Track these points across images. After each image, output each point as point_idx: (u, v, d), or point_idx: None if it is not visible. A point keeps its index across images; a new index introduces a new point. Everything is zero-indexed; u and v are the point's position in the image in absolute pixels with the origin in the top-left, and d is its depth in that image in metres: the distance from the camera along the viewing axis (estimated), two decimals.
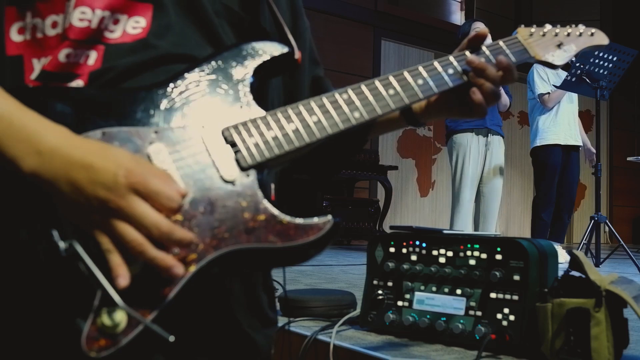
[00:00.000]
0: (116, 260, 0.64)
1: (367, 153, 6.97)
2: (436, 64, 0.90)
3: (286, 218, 0.72)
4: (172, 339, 0.63)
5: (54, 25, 0.80)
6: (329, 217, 0.74)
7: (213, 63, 0.80)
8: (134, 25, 0.81)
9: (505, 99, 4.55)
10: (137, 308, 0.65)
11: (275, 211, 0.73)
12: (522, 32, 0.99)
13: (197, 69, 0.79)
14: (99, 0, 0.80)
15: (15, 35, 0.80)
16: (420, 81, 0.87)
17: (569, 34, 1.00)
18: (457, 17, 9.07)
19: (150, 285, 0.66)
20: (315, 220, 0.73)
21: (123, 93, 0.75)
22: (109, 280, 0.64)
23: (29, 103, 0.67)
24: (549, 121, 4.69)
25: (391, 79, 0.86)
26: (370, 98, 0.83)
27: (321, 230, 0.73)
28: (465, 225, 4.38)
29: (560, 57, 0.99)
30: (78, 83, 0.77)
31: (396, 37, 8.09)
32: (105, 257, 0.64)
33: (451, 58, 0.91)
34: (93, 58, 0.78)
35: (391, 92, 0.85)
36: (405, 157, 8.19)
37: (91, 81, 0.77)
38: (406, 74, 0.87)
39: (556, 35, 1.00)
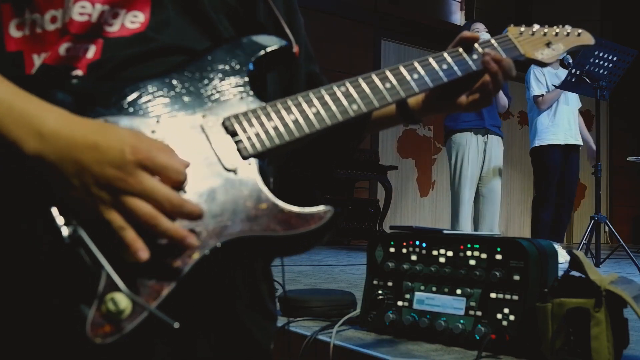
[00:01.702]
0: (132, 236, 0.64)
1: (367, 153, 6.97)
2: (431, 59, 0.93)
3: (287, 207, 0.73)
4: (176, 325, 0.64)
5: (54, 20, 0.80)
6: (330, 207, 0.74)
7: (213, 55, 0.81)
8: (132, 20, 0.82)
9: (504, 100, 4.57)
10: (141, 295, 0.65)
11: (276, 200, 0.73)
12: (512, 31, 1.02)
13: (197, 61, 0.80)
14: None
15: (14, 31, 0.81)
16: (415, 76, 0.89)
17: (557, 34, 1.04)
18: (457, 17, 9.07)
19: (154, 272, 0.66)
20: (316, 209, 0.74)
21: (123, 83, 0.76)
22: (114, 265, 0.64)
23: (28, 91, 0.67)
24: (547, 121, 4.68)
25: (388, 73, 0.88)
26: (368, 91, 0.85)
27: (322, 220, 0.73)
28: (465, 226, 4.38)
29: (548, 55, 1.02)
30: (77, 73, 0.78)
31: (396, 37, 8.10)
32: (119, 235, 0.64)
33: (445, 54, 0.94)
34: (92, 51, 0.79)
35: (388, 85, 0.87)
36: (405, 157, 8.19)
37: (89, 72, 0.78)
38: (402, 69, 0.89)
39: (545, 34, 1.03)
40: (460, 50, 0.95)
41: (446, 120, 4.53)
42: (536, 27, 1.03)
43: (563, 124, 4.68)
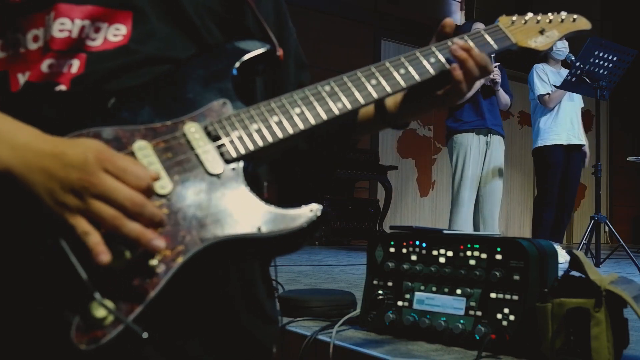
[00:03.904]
0: (94, 240, 0.65)
1: (367, 153, 6.97)
2: (418, 53, 0.91)
3: (272, 208, 0.74)
4: (145, 335, 0.64)
5: (35, 39, 0.81)
6: (316, 205, 0.75)
7: (196, 62, 0.82)
8: (115, 33, 0.82)
9: (505, 98, 4.56)
10: (126, 300, 0.66)
11: (261, 202, 0.74)
12: (503, 21, 1.00)
13: (180, 68, 0.81)
14: (77, 10, 0.81)
15: None
16: (402, 70, 0.88)
17: (550, 21, 1.02)
18: (457, 17, 9.07)
19: (139, 277, 0.67)
20: (302, 209, 0.74)
21: (106, 95, 0.77)
22: (100, 272, 0.65)
23: (13, 109, 0.70)
24: (550, 121, 4.68)
25: (373, 69, 0.87)
26: (353, 89, 0.85)
27: (308, 219, 0.74)
28: (464, 227, 4.37)
29: (542, 42, 1.00)
30: (61, 88, 0.79)
31: (396, 37, 8.10)
32: (83, 240, 0.65)
33: (433, 48, 0.92)
34: (76, 66, 0.80)
35: (373, 82, 0.86)
36: (405, 157, 8.19)
37: (73, 86, 0.79)
38: (388, 64, 0.88)
39: (538, 22, 1.01)
40: (450, 42, 0.93)
41: (448, 121, 4.52)
42: (529, 15, 1.01)
43: (566, 124, 4.68)
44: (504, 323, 1.28)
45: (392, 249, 1.46)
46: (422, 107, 0.99)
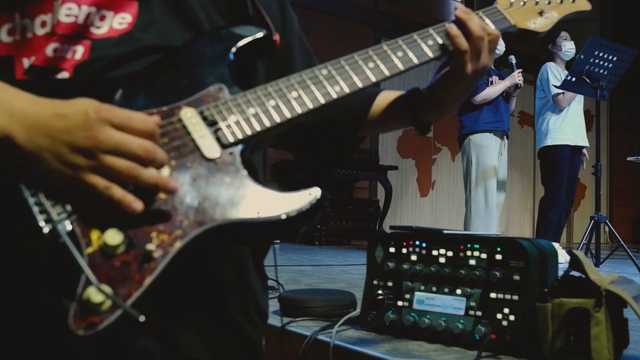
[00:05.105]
0: (119, 192, 0.66)
1: (367, 153, 6.98)
2: (415, 36, 0.91)
3: (270, 192, 0.74)
4: (142, 319, 0.64)
5: (43, 24, 0.82)
6: (313, 189, 0.75)
7: (192, 47, 0.82)
8: (120, 22, 0.83)
9: (513, 103, 4.63)
10: (123, 285, 0.66)
11: (258, 186, 0.74)
12: (501, 2, 0.99)
13: (176, 55, 0.81)
14: None
15: (4, 36, 0.82)
16: (400, 53, 0.88)
17: (550, 2, 1.01)
18: None
19: (136, 261, 0.67)
20: (299, 193, 0.74)
21: (105, 82, 0.77)
22: (97, 257, 0.66)
23: None
24: (560, 121, 4.69)
25: (370, 52, 0.87)
26: (350, 72, 0.84)
27: (305, 203, 0.74)
28: (494, 229, 4.32)
29: (542, 24, 0.99)
30: (64, 75, 0.79)
31: (396, 37, 8.09)
32: (107, 195, 0.66)
33: (431, 30, 0.92)
34: (80, 52, 0.81)
35: (371, 65, 0.86)
36: (405, 157, 8.19)
37: (76, 73, 0.79)
38: (385, 47, 0.88)
39: (537, 3, 1.00)
40: (447, 24, 0.92)
41: (465, 120, 4.51)
42: None
43: (574, 125, 4.70)
44: (504, 323, 1.27)
45: (392, 249, 1.46)
46: (440, 97, 0.98)
